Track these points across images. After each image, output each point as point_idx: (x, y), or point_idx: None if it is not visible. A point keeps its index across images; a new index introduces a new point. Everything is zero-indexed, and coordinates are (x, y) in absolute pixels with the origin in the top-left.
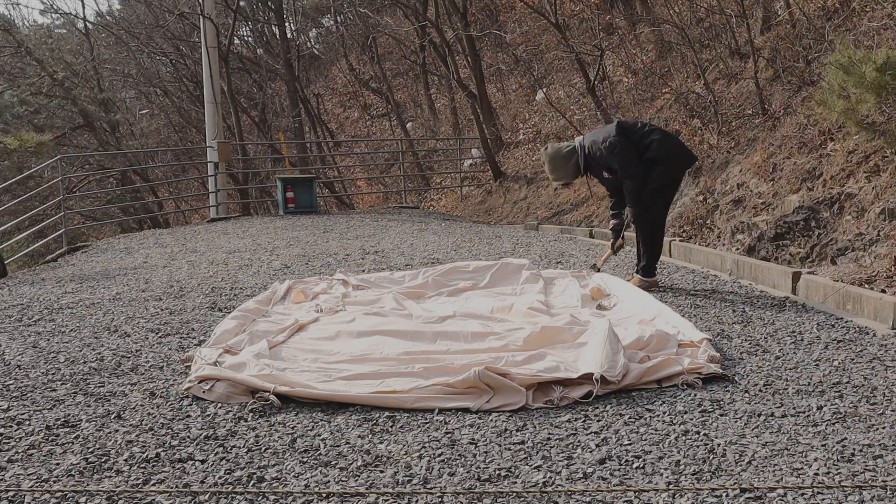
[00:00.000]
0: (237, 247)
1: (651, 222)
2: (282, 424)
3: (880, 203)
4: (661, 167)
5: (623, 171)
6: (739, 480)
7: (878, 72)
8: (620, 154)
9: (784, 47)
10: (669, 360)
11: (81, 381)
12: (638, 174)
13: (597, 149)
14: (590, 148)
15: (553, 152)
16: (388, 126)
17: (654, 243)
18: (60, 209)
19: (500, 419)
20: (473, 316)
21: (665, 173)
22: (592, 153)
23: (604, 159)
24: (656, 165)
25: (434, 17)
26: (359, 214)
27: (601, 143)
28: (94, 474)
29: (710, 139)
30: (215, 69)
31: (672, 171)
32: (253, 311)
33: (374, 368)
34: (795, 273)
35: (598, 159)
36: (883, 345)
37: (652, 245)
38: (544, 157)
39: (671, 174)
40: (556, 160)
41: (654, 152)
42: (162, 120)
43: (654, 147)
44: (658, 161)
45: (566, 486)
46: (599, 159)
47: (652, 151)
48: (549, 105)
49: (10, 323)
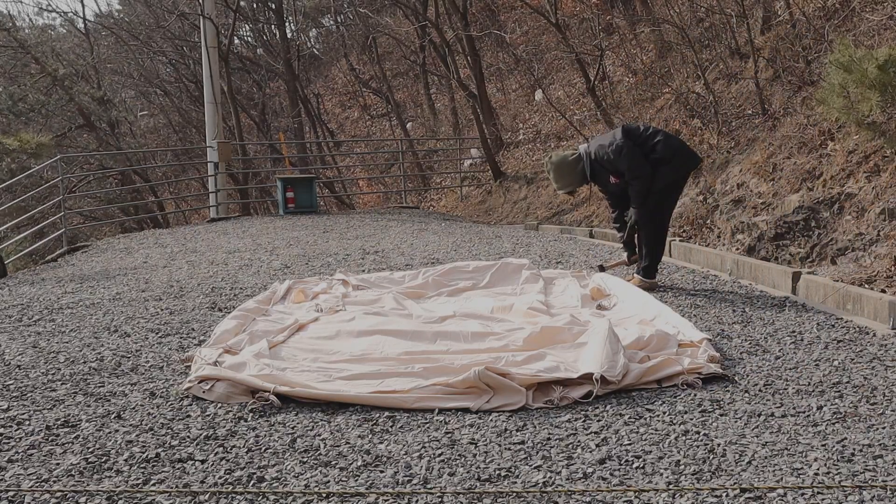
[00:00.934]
0: (237, 247)
1: (655, 224)
2: (282, 424)
3: (880, 203)
4: (665, 168)
5: (631, 172)
6: (739, 480)
7: (880, 70)
8: (628, 156)
9: (784, 47)
10: (669, 360)
11: (81, 381)
12: (646, 174)
13: (604, 153)
14: (596, 153)
15: (558, 161)
16: (388, 126)
17: (656, 245)
18: (60, 209)
19: (500, 419)
20: (473, 316)
21: (670, 173)
22: (599, 158)
23: (611, 163)
24: (662, 166)
25: (434, 17)
26: (359, 214)
27: (608, 147)
28: (94, 474)
29: (710, 139)
30: (215, 69)
31: (677, 170)
32: (253, 311)
33: (374, 368)
34: (795, 273)
35: (605, 164)
36: (883, 345)
37: (654, 246)
38: (548, 165)
39: (676, 174)
40: (561, 168)
41: (659, 153)
42: (162, 120)
43: (659, 148)
44: (663, 161)
45: (566, 486)
46: (607, 164)
47: (658, 153)
48: (549, 105)
49: (10, 323)
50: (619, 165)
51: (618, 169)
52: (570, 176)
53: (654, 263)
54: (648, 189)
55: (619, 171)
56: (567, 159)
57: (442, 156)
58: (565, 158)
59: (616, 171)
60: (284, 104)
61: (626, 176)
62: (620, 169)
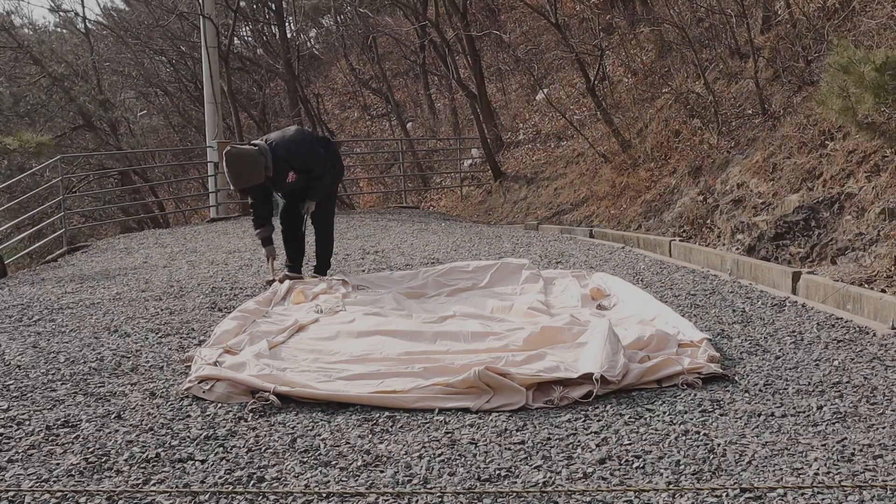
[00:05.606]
0: (237, 247)
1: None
2: (282, 424)
3: (880, 203)
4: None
5: (318, 167)
6: (739, 480)
7: (877, 72)
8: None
9: (784, 47)
10: (669, 359)
11: (81, 381)
12: (329, 171)
13: (288, 148)
14: (281, 148)
15: (239, 153)
16: (388, 126)
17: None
18: (60, 209)
19: (500, 419)
20: (473, 316)
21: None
22: (281, 154)
23: (296, 160)
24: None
25: (434, 17)
26: (359, 214)
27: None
28: (94, 474)
29: (710, 139)
30: (215, 69)
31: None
32: (253, 312)
33: (374, 368)
34: (795, 273)
35: (289, 160)
36: (883, 345)
37: (330, 243)
38: (227, 158)
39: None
40: (243, 161)
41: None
42: (162, 120)
43: (331, 150)
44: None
45: (566, 486)
46: (290, 159)
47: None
48: (549, 105)
49: (10, 323)
50: (307, 161)
51: (303, 166)
52: (252, 170)
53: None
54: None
55: (301, 168)
56: (249, 153)
57: (442, 156)
58: (247, 153)
59: (298, 168)
60: (284, 104)
61: (313, 170)
62: (304, 166)
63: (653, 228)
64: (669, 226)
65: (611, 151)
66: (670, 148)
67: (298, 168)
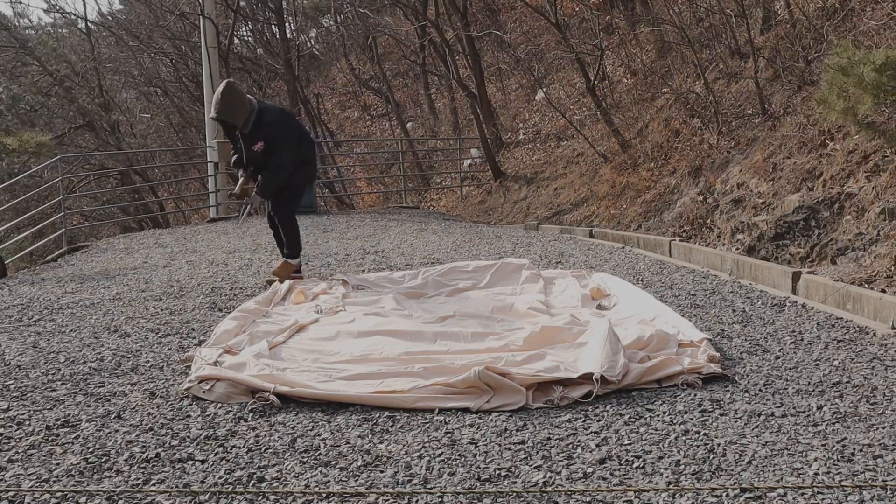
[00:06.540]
0: (237, 247)
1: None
2: (282, 424)
3: (880, 203)
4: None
5: (285, 152)
6: (739, 480)
7: (876, 72)
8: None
9: (784, 47)
10: (669, 359)
11: (81, 381)
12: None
13: (271, 119)
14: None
15: (239, 89)
16: (388, 126)
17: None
18: (60, 209)
19: (500, 419)
20: (473, 316)
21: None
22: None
23: (270, 132)
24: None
25: (434, 17)
26: (359, 214)
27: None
28: (94, 474)
29: (710, 139)
30: (215, 69)
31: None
32: (253, 312)
33: (374, 368)
34: (795, 273)
35: (264, 128)
36: (883, 345)
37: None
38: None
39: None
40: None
41: (304, 153)
42: (162, 120)
43: (307, 148)
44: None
45: (566, 485)
46: (265, 128)
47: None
48: (549, 105)
49: (10, 323)
50: (280, 137)
51: (275, 140)
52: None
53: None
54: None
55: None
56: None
57: (442, 156)
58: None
59: (267, 139)
60: (284, 104)
61: (281, 151)
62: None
63: (653, 228)
64: (669, 226)
65: (611, 151)
66: (670, 148)
67: (268, 140)
